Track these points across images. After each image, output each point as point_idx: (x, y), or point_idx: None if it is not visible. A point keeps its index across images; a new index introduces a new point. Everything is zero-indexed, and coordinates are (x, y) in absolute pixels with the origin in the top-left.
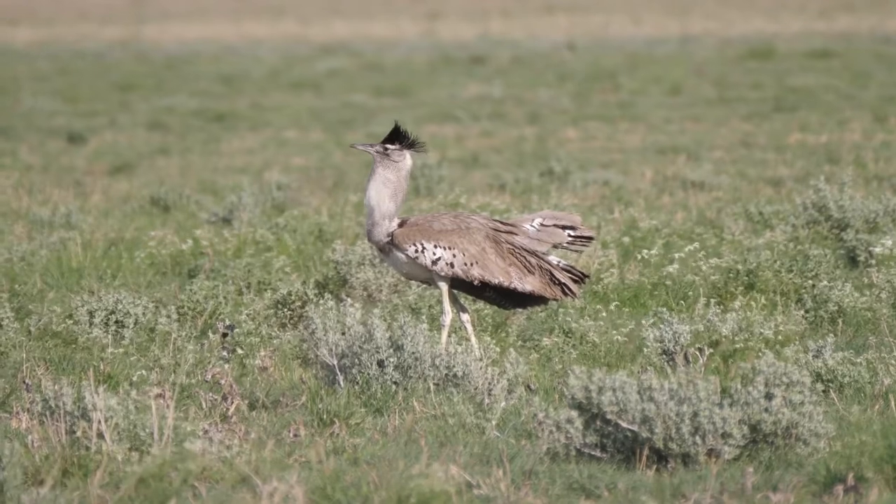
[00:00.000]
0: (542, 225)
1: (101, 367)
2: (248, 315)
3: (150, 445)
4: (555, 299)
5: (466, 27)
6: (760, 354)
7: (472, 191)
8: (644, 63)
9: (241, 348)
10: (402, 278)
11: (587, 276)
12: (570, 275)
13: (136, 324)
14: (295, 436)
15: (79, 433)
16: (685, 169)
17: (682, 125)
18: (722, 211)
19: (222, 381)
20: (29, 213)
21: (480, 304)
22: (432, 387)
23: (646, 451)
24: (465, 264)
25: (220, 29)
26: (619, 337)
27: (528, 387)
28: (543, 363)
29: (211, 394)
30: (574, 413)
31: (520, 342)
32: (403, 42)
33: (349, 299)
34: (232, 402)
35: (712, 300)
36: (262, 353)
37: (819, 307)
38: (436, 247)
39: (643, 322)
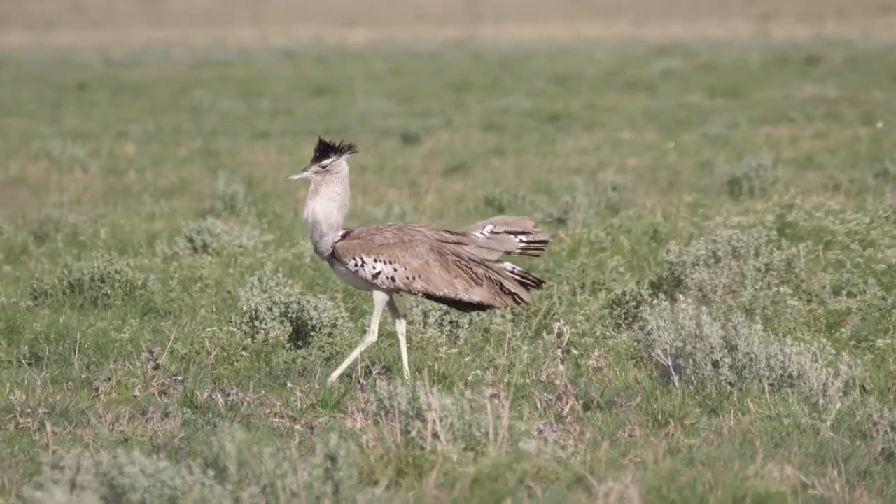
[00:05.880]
0: (492, 232)
1: (436, 367)
2: (582, 315)
3: (484, 445)
4: (506, 307)
5: (800, 27)
6: None
7: (808, 192)
8: None
9: (576, 349)
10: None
11: (542, 282)
12: (523, 281)
13: (470, 324)
14: (630, 436)
15: (413, 433)
16: None
17: None
18: None
19: (557, 382)
20: (363, 213)
21: (814, 305)
22: (767, 387)
23: None
24: (408, 278)
25: (555, 29)
26: None
27: (863, 387)
28: (878, 364)
29: (545, 394)
30: None
31: (854, 342)
32: (737, 42)
33: (683, 298)
34: (567, 403)
35: None
36: (597, 354)
37: None
38: (375, 261)
39: None
